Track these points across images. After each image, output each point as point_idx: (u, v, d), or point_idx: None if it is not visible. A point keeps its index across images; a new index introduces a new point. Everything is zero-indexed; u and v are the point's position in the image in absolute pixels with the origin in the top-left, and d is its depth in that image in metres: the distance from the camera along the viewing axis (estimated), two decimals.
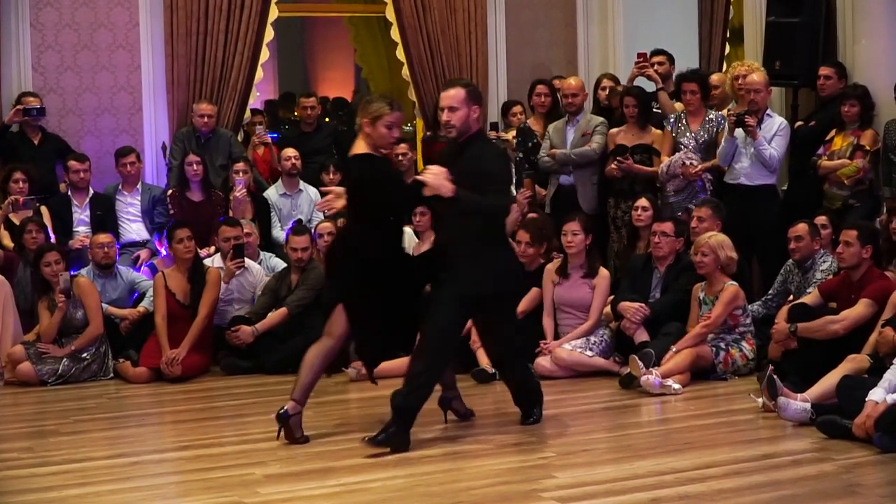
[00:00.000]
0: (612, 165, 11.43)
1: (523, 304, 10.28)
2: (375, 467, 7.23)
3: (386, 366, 10.01)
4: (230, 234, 11.10)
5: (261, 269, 11.41)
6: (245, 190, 12.07)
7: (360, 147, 7.91)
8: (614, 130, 11.71)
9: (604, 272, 10.37)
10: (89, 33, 13.18)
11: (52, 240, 11.34)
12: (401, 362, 10.32)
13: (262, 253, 11.70)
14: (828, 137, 11.24)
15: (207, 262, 11.25)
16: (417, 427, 7.99)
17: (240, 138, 13.48)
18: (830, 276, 9.78)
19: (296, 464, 7.38)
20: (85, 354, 10.61)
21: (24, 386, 10.46)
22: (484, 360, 10.03)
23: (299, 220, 11.89)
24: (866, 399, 7.50)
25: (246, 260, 11.16)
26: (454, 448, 7.78)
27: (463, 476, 7.03)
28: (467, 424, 8.48)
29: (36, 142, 12.61)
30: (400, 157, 12.88)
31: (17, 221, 11.57)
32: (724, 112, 11.47)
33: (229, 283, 11.04)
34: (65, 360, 10.53)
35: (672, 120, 11.51)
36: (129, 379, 10.55)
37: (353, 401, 9.69)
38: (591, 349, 10.09)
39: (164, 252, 11.81)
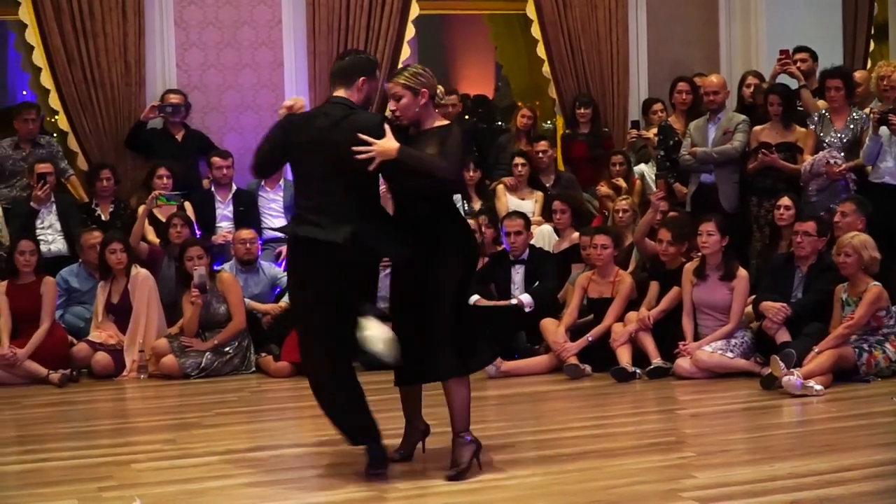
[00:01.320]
0: (758, 157, 11.33)
1: (664, 304, 10.28)
2: (513, 465, 7.21)
3: (521, 364, 10.13)
4: None
5: None
6: (385, 186, 12.12)
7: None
8: (758, 128, 11.62)
9: (742, 273, 10.26)
10: (232, 31, 13.39)
11: (198, 235, 11.54)
12: (534, 361, 10.44)
13: None
14: None
15: None
16: (555, 425, 8.04)
17: None
18: None
19: (434, 460, 7.38)
20: (227, 348, 10.79)
21: (167, 379, 10.68)
22: (624, 358, 10.03)
23: None
24: None
25: None
26: (592, 447, 7.74)
27: (600, 475, 6.98)
28: (606, 423, 8.49)
29: (179, 138, 12.86)
30: (540, 155, 12.91)
31: (162, 217, 11.79)
32: (868, 110, 11.33)
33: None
34: (207, 353, 10.72)
35: (816, 118, 11.40)
36: (270, 373, 10.73)
37: (491, 398, 9.72)
38: (731, 350, 10.02)
39: None
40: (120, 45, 12.95)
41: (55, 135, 13.27)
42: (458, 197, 11.51)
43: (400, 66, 13.71)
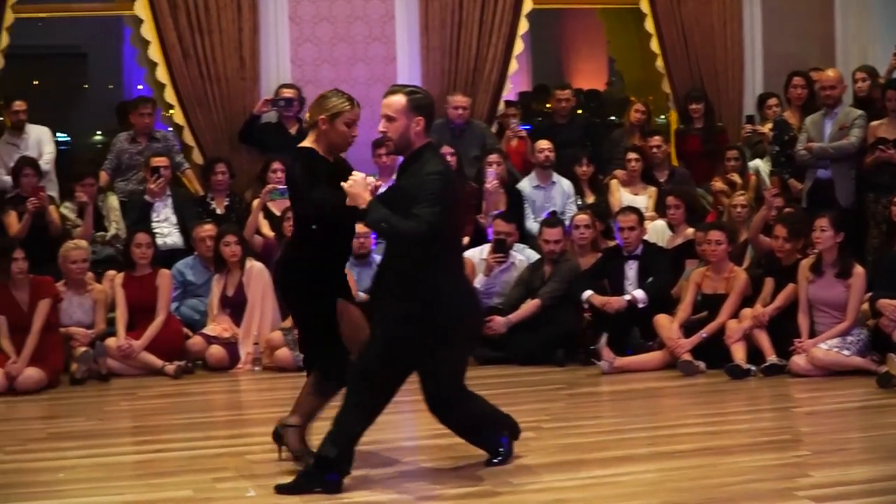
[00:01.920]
0: (876, 153, 11.21)
1: (779, 301, 10.21)
2: (626, 461, 7.22)
3: (635, 360, 10.10)
4: (502, 228, 11.20)
5: (525, 262, 11.48)
6: (497, 182, 12.17)
7: (307, 142, 7.14)
8: (875, 123, 11.50)
9: (859, 270, 10.13)
10: (346, 26, 13.47)
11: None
12: (648, 357, 10.40)
13: (515, 245, 11.77)
14: None
15: (472, 252, 11.42)
16: (669, 422, 8.03)
17: (493, 130, 13.60)
18: None
19: (548, 455, 7.41)
20: None
21: (281, 371, 10.74)
22: (738, 354, 9.97)
23: (553, 212, 11.95)
24: None
25: (513, 255, 11.25)
26: (706, 444, 7.71)
27: (715, 472, 6.95)
28: (720, 420, 8.45)
29: (293, 132, 12.92)
30: (654, 150, 12.86)
31: (276, 211, 11.89)
32: None
33: (489, 275, 11.15)
34: None
35: None
36: None
37: (605, 394, 9.72)
38: (847, 348, 9.91)
39: None
40: (235, 40, 13.09)
41: (171, 129, 13.43)
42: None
43: (513, 61, 13.76)
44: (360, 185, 6.63)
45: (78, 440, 8.43)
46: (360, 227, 11.32)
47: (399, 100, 6.76)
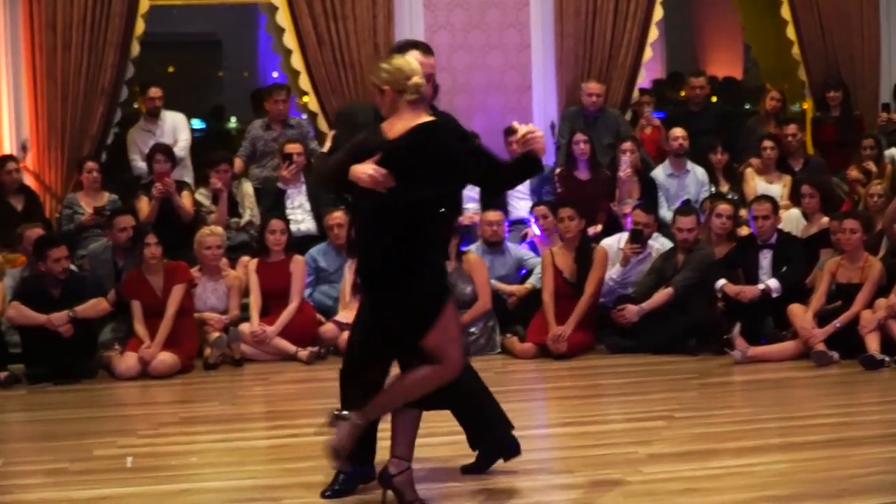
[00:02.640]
0: None
1: None
2: (758, 451, 7.18)
3: (768, 349, 10.04)
4: (641, 218, 11.20)
5: (660, 250, 11.43)
6: (631, 170, 12.15)
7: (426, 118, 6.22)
8: None
9: None
10: (480, 13, 13.52)
11: None
12: (781, 347, 10.33)
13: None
14: None
15: (609, 241, 11.44)
16: (801, 412, 8.02)
17: (627, 118, 13.59)
18: None
19: (679, 444, 7.41)
20: (473, 329, 10.86)
21: None
22: (872, 345, 9.87)
23: (686, 201, 11.91)
24: None
25: (650, 244, 11.25)
26: (838, 434, 7.65)
27: (846, 463, 6.90)
28: (853, 411, 8.41)
29: None
30: (789, 138, 12.77)
31: None
32: None
33: (626, 266, 11.15)
34: None
35: None
36: (516, 354, 10.78)
37: (737, 383, 9.68)
38: None
39: (539, 232, 11.99)
40: (369, 27, 13.19)
41: (305, 116, 13.58)
42: None
43: (648, 49, 13.73)
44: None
45: (211, 424, 8.57)
46: (493, 216, 11.48)
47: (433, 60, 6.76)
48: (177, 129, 12.99)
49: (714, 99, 15.71)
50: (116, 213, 11.31)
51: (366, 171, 5.90)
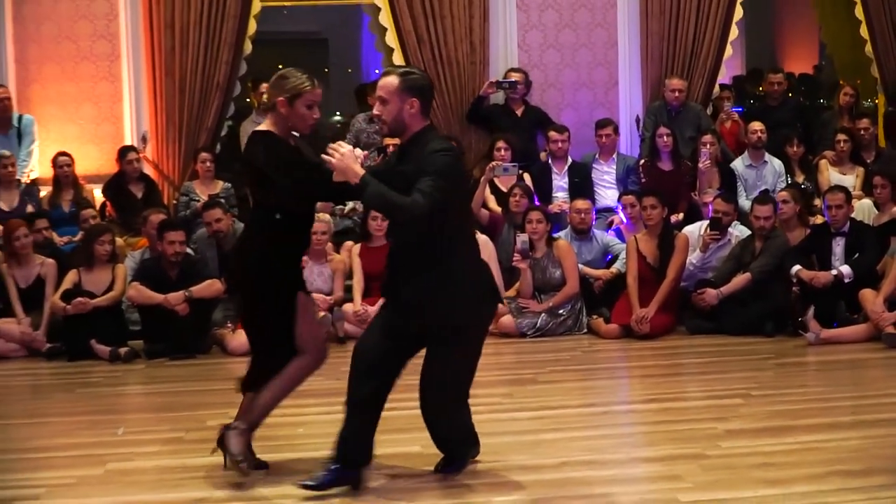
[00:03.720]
0: None
1: None
2: (831, 428, 7.11)
3: (840, 332, 9.92)
4: (721, 207, 11.09)
5: (739, 237, 11.31)
6: (710, 161, 12.08)
7: (265, 126, 6.30)
8: None
9: None
10: (570, 13, 13.47)
11: (536, 204, 11.66)
12: (853, 329, 10.20)
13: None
14: None
15: (691, 228, 11.37)
16: (872, 391, 7.93)
17: (708, 112, 13.50)
18: None
19: (756, 421, 7.34)
20: (561, 311, 10.86)
21: (505, 337, 10.80)
22: None
23: (764, 191, 11.81)
24: None
25: (730, 232, 11.15)
26: None
27: None
28: None
29: (519, 113, 13.02)
30: (862, 132, 12.63)
31: (503, 187, 11.97)
32: None
33: (706, 252, 11.06)
34: (543, 314, 10.83)
35: None
36: (601, 334, 10.75)
37: (811, 364, 9.56)
38: None
39: (625, 219, 11.96)
40: (465, 26, 13.18)
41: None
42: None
43: (728, 46, 13.61)
44: (350, 157, 5.80)
45: (316, 398, 8.56)
46: (581, 204, 11.44)
47: (392, 81, 5.98)
48: None
49: (791, 94, 15.54)
50: (208, 207, 11.35)
51: None
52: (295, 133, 6.35)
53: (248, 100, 14.11)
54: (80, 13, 12.98)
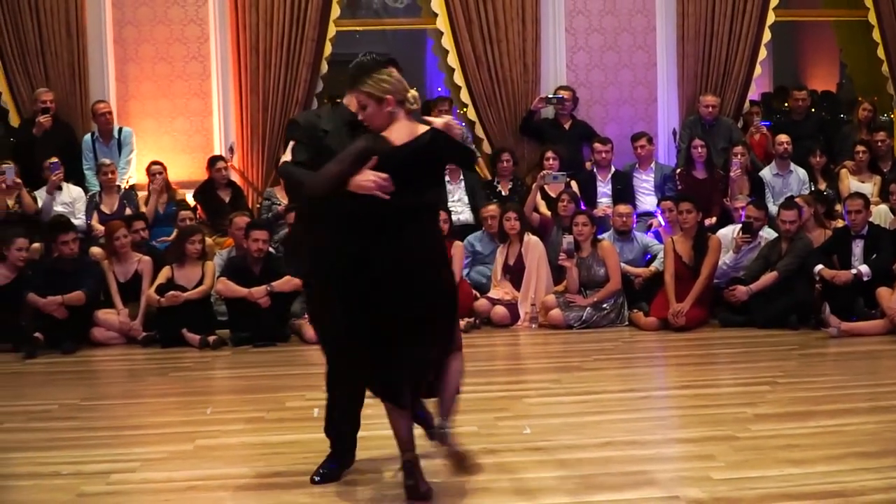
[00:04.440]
0: None
1: None
2: (849, 413, 7.02)
3: (859, 325, 9.81)
4: (753, 213, 10.99)
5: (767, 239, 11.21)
6: (741, 170, 12.00)
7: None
8: None
9: None
10: (613, 36, 13.43)
11: (582, 209, 11.61)
12: (871, 324, 10.08)
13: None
14: None
15: (724, 231, 11.28)
16: (888, 380, 7.84)
17: (739, 125, 13.41)
18: None
19: (781, 406, 7.27)
20: (605, 305, 10.82)
21: (553, 328, 10.79)
22: None
23: (790, 197, 11.69)
24: None
25: (761, 235, 11.06)
26: None
27: None
28: None
29: (566, 127, 12.99)
30: (879, 143, 12.53)
31: (552, 193, 11.92)
32: None
33: (738, 253, 10.97)
34: (588, 308, 10.79)
35: None
36: (641, 327, 10.71)
37: (832, 354, 9.45)
38: None
39: (664, 222, 11.89)
40: (519, 49, 13.15)
41: (464, 123, 13.55)
42: None
43: (757, 66, 13.50)
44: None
45: None
46: (623, 209, 11.39)
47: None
48: None
49: (814, 110, 15.39)
50: (288, 210, 11.32)
51: (368, 178, 5.26)
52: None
53: None
54: (175, 37, 13.06)
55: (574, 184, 12.14)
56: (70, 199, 11.93)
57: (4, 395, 8.61)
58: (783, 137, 12.47)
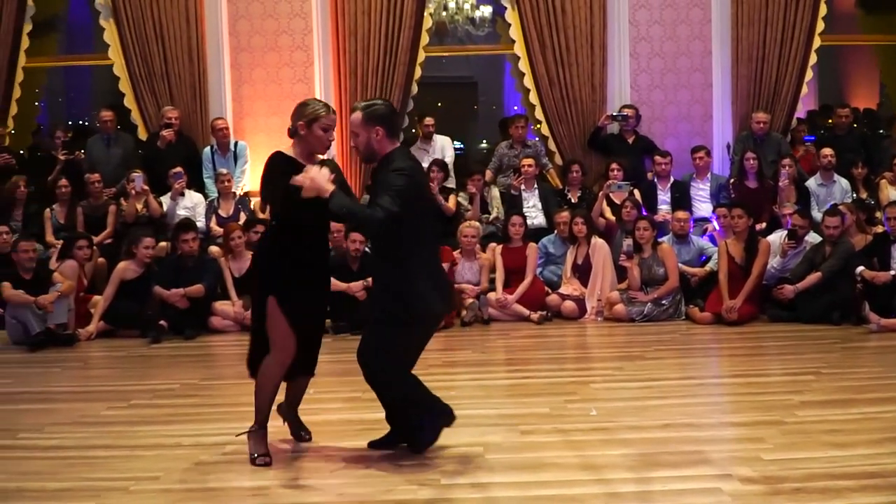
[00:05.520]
0: None
1: None
2: (889, 401, 6.87)
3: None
4: (798, 221, 10.85)
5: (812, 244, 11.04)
6: (789, 180, 11.84)
7: (286, 148, 5.77)
8: None
9: None
10: (673, 60, 13.34)
11: (644, 215, 11.51)
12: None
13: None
14: None
15: (773, 237, 11.10)
16: None
17: (787, 140, 13.24)
18: None
19: (825, 394, 7.16)
20: (664, 301, 10.72)
21: (617, 322, 10.72)
22: None
23: (833, 205, 11.50)
24: None
25: (806, 241, 10.90)
26: None
27: None
28: None
29: (630, 141, 12.91)
30: None
31: (617, 200, 11.85)
32: None
33: (784, 257, 10.83)
34: (649, 304, 10.70)
35: None
36: (697, 321, 10.58)
37: (872, 348, 9.24)
38: None
39: (718, 227, 11.76)
40: (588, 72, 13.09)
41: (538, 138, 13.54)
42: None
43: (804, 86, 13.32)
44: (319, 177, 5.27)
45: (466, 367, 8.61)
46: (681, 214, 11.28)
47: (356, 116, 5.64)
48: (444, 147, 13.10)
49: (856, 125, 15.16)
50: None
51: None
52: (319, 156, 5.80)
53: (413, 130, 14.15)
54: (284, 62, 13.18)
55: (636, 192, 12.06)
56: (192, 204, 12.08)
57: (132, 375, 8.73)
58: (827, 151, 12.28)
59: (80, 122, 19.55)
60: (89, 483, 5.57)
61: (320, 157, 5.80)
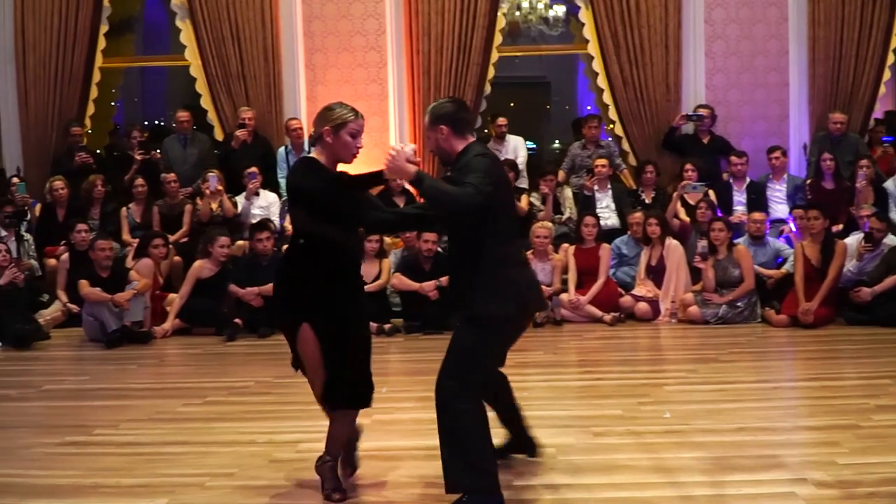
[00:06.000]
0: None
1: None
2: None
3: None
4: (875, 225, 10.73)
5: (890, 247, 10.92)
6: (866, 181, 11.69)
7: (314, 154, 5.32)
8: None
9: None
10: (749, 59, 13.26)
11: (719, 216, 11.45)
12: None
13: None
14: None
15: (850, 240, 10.98)
16: None
17: (865, 140, 13.08)
18: None
19: None
20: (739, 303, 10.63)
21: (691, 324, 10.65)
22: None
23: None
24: None
25: (884, 244, 10.76)
26: None
27: None
28: None
29: (705, 141, 12.83)
30: None
31: (691, 201, 11.78)
32: None
33: (861, 260, 10.71)
34: (724, 306, 10.61)
35: None
36: (773, 323, 10.48)
37: None
38: None
39: (794, 229, 11.65)
40: (662, 71, 13.04)
41: (611, 139, 13.51)
42: None
43: (882, 86, 13.17)
44: (401, 156, 4.92)
45: (538, 368, 8.62)
46: (757, 216, 11.20)
47: (424, 121, 5.40)
48: (517, 148, 13.11)
49: None
50: None
51: None
52: (341, 163, 5.38)
53: (485, 130, 14.18)
54: (357, 62, 13.29)
55: (711, 193, 11.98)
56: (266, 204, 12.21)
57: (208, 372, 8.86)
58: None
59: (156, 123, 19.85)
60: (164, 479, 5.68)
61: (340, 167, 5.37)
